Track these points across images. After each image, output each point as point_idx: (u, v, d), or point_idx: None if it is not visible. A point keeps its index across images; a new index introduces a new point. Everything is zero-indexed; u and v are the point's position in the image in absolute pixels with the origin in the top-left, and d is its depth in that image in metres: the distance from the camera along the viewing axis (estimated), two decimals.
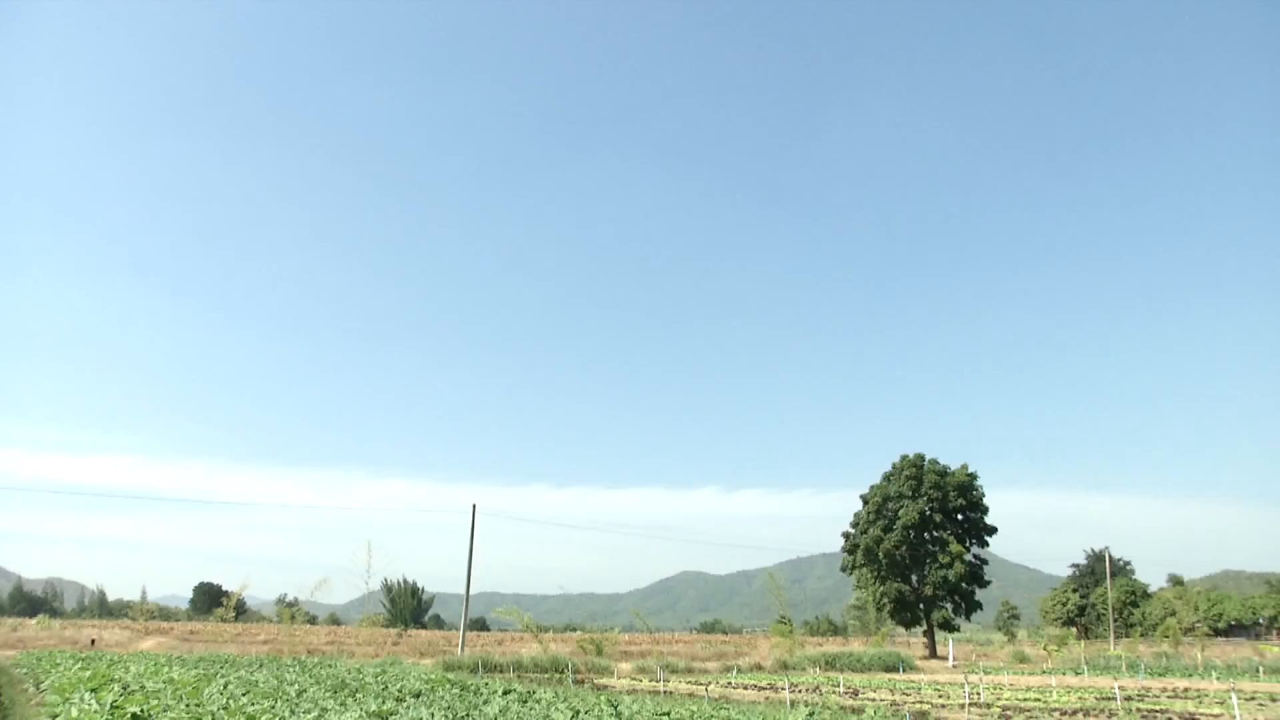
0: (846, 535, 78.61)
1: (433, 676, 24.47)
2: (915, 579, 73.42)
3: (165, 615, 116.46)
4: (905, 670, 51.09)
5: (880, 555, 72.60)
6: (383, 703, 13.81)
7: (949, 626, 72.95)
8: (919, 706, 25.00)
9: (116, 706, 10.61)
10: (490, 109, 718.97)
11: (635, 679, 41.06)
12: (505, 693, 17.23)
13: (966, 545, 72.43)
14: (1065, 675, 43.24)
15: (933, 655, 69.72)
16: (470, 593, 57.34)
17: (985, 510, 73.89)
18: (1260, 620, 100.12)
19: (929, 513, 72.32)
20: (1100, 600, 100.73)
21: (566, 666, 43.64)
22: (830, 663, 52.94)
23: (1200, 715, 22.31)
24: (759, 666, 52.87)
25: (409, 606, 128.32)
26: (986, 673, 44.54)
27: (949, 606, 72.70)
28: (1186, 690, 31.67)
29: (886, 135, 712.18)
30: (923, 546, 73.00)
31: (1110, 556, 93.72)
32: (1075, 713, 22.64)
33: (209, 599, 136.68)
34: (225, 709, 11.79)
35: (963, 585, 71.22)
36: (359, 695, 15.88)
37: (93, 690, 13.26)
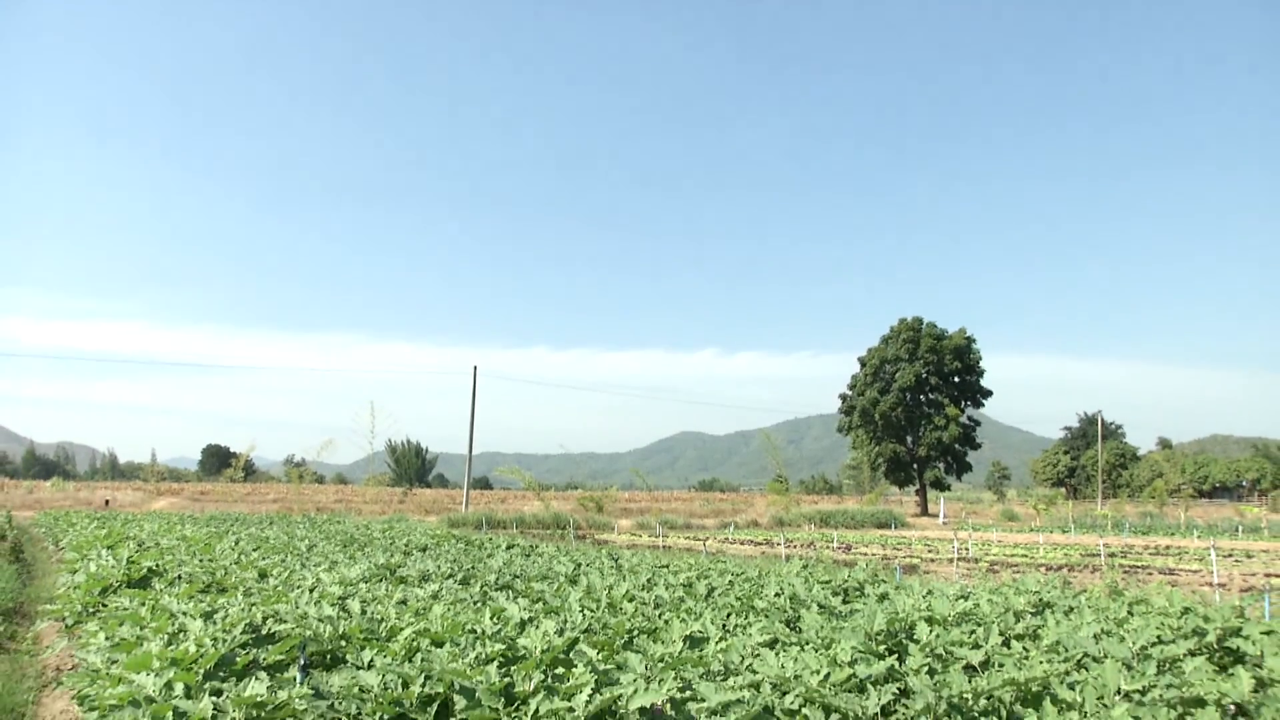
0: (843, 397, 79.63)
1: (438, 532, 25.17)
2: (910, 440, 74.78)
3: (175, 477, 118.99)
4: (897, 527, 52.59)
5: (876, 417, 73.74)
6: (390, 556, 14.22)
7: (941, 486, 74.76)
8: (909, 561, 25.82)
9: (133, 561, 10.94)
10: None
11: (635, 535, 42.28)
12: (508, 547, 17.75)
13: (961, 408, 73.50)
14: (1052, 533, 44.50)
15: (924, 513, 71.65)
16: (472, 453, 58.46)
17: (981, 374, 74.63)
18: (1244, 483, 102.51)
19: (925, 375, 73.07)
20: (1090, 462, 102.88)
21: (568, 523, 44.86)
22: (825, 520, 54.44)
23: (1180, 570, 23.07)
24: (755, 523, 54.39)
25: (413, 466, 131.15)
26: (976, 530, 45.84)
27: (941, 467, 74.36)
28: (1168, 548, 32.66)
29: None
30: (918, 408, 74.04)
31: (1102, 420, 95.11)
32: (1060, 568, 23.39)
33: (217, 461, 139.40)
34: (238, 563, 12.14)
35: (956, 446, 72.63)
36: (367, 550, 16.36)
37: (109, 547, 13.65)
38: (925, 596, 8.66)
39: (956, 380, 74.31)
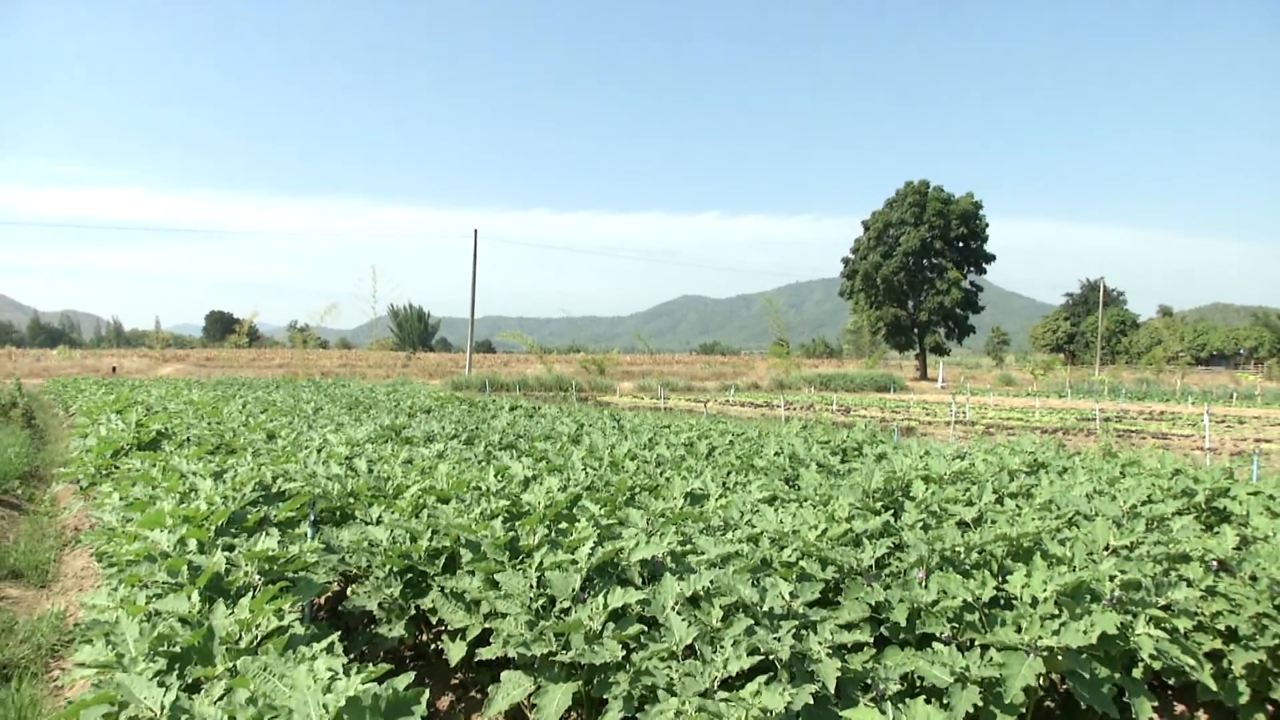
0: (846, 261, 79.25)
1: (442, 395, 25.46)
2: (911, 304, 74.78)
3: (180, 343, 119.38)
4: (896, 391, 53.20)
5: (878, 281, 73.55)
6: (395, 418, 14.42)
7: (940, 350, 75.21)
8: (907, 423, 26.22)
9: (142, 425, 11.08)
10: None
11: (636, 397, 42.82)
12: (512, 409, 17.97)
13: (964, 273, 73.20)
14: (1049, 398, 45.04)
15: (923, 377, 72.35)
16: (475, 316, 58.57)
17: (986, 239, 74.01)
18: (1241, 351, 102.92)
19: (930, 240, 72.46)
20: (1090, 329, 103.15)
21: (570, 386, 45.33)
22: (824, 383, 55.04)
23: (1172, 435, 23.45)
24: (756, 386, 54.99)
25: (416, 330, 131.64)
26: (973, 394, 46.39)
27: (942, 332, 74.62)
28: (1163, 413, 33.10)
29: None
30: (921, 273, 73.76)
31: (1105, 287, 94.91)
32: (1056, 431, 23.78)
33: (221, 327, 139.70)
34: (245, 425, 12.31)
35: (957, 311, 72.69)
36: (372, 412, 16.59)
37: (118, 412, 13.80)
38: (922, 457, 8.81)
39: (961, 245, 73.74)
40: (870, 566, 4.86)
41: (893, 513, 6.34)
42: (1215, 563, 5.42)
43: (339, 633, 3.81)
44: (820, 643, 3.89)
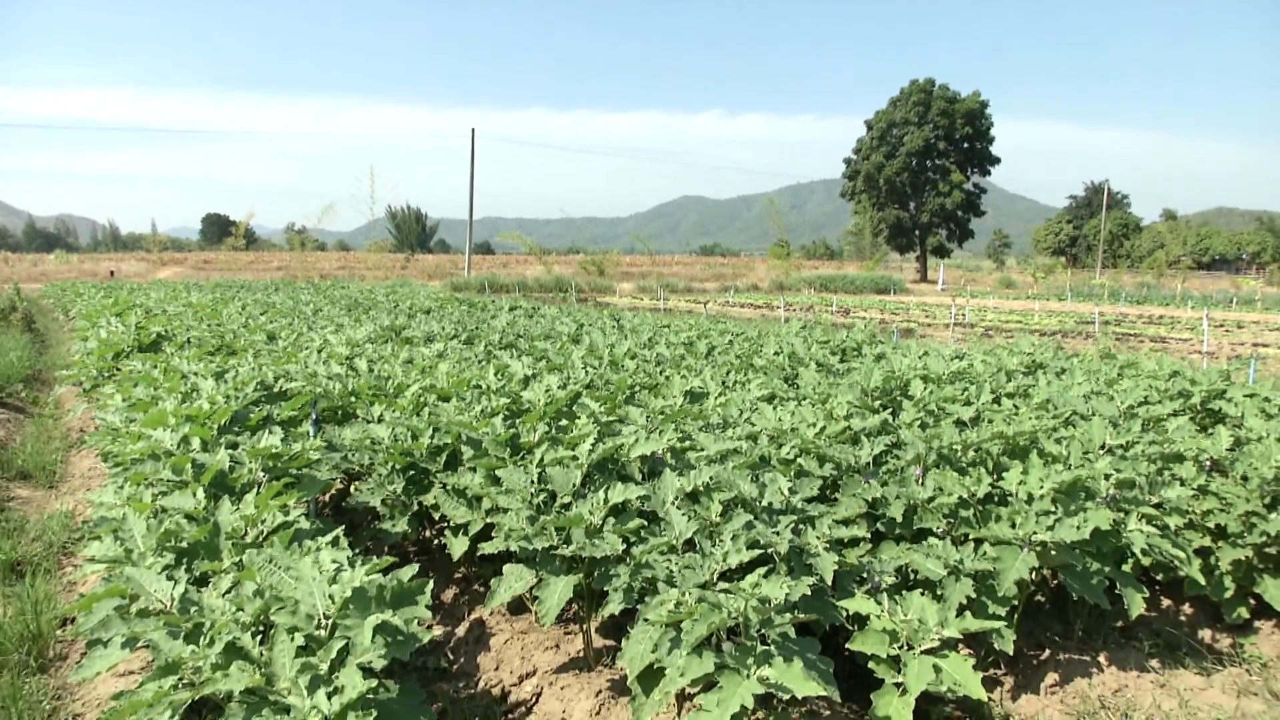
0: (848, 161, 78.17)
1: (441, 296, 25.41)
2: (913, 206, 74.06)
3: (178, 247, 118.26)
4: (896, 293, 53.12)
5: (881, 182, 72.68)
6: (395, 319, 14.41)
7: (941, 253, 74.77)
8: (906, 325, 26.26)
9: (142, 328, 11.07)
10: None
11: (636, 298, 42.76)
12: (511, 309, 17.96)
13: (968, 174, 72.28)
14: (1049, 301, 44.99)
15: (923, 280, 72.14)
16: (473, 217, 58.03)
17: (991, 140, 72.85)
18: (1244, 255, 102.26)
19: (933, 140, 71.29)
20: (1092, 232, 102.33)
21: (569, 286, 45.21)
22: (825, 285, 54.93)
23: (1171, 339, 23.49)
24: (756, 287, 54.88)
25: (414, 232, 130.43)
26: (973, 296, 46.34)
27: (943, 234, 74.03)
28: (1162, 317, 33.11)
29: None
30: (923, 174, 72.83)
31: (1109, 189, 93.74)
32: (1054, 334, 23.82)
33: (218, 229, 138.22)
34: (245, 327, 12.30)
35: (959, 213, 72.03)
36: (372, 313, 16.57)
37: (117, 315, 13.75)
38: (921, 357, 8.83)
39: (965, 146, 72.59)
40: (868, 464, 4.91)
41: (891, 412, 6.38)
42: (1209, 462, 5.48)
43: (343, 528, 3.87)
44: (818, 537, 3.95)
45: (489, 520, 4.70)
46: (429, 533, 5.86)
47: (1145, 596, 4.40)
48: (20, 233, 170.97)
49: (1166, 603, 5.20)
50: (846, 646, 3.69)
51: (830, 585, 3.82)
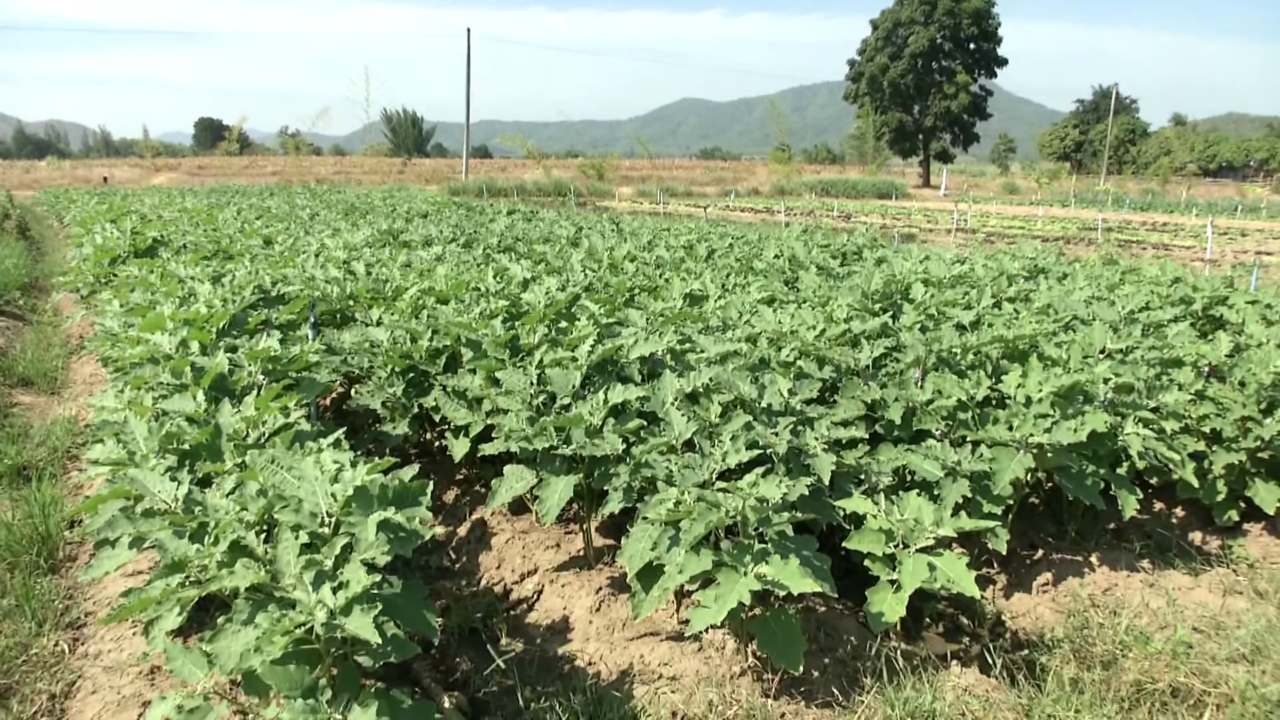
0: (852, 63, 76.51)
1: (439, 200, 25.16)
2: (917, 109, 72.79)
3: (171, 152, 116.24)
4: (898, 198, 52.59)
5: (885, 84, 71.26)
6: (393, 223, 14.29)
7: (945, 157, 73.79)
8: (907, 230, 26.07)
9: (137, 233, 10.94)
10: None
11: (635, 202, 42.35)
12: (510, 213, 17.79)
13: (974, 76, 70.84)
14: (1052, 207, 44.55)
15: (926, 185, 71.31)
16: (470, 121, 57.02)
17: (998, 41, 71.16)
18: (1252, 162, 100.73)
19: (939, 40, 69.69)
20: (1099, 137, 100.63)
21: (569, 190, 44.72)
22: (826, 189, 54.32)
23: (1174, 246, 23.34)
24: (756, 192, 54.28)
25: (410, 136, 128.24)
26: (976, 202, 45.84)
27: (947, 138, 72.97)
28: (1165, 225, 32.81)
29: None
30: (929, 76, 71.34)
31: (1117, 93, 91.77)
32: (1057, 240, 23.65)
33: (212, 134, 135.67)
34: (242, 231, 12.17)
35: (964, 117, 70.85)
36: (369, 217, 16.40)
37: (112, 221, 13.59)
38: (922, 261, 8.78)
39: (972, 47, 70.95)
40: (867, 366, 4.92)
41: (891, 315, 6.36)
42: (1208, 368, 5.49)
43: (344, 430, 3.88)
44: (817, 438, 3.98)
45: (489, 422, 4.73)
46: (430, 435, 5.90)
47: (1139, 499, 4.45)
48: (10, 139, 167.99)
49: (1159, 506, 5.27)
50: (843, 545, 3.75)
51: (828, 486, 3.86)
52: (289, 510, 2.93)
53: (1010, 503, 4.22)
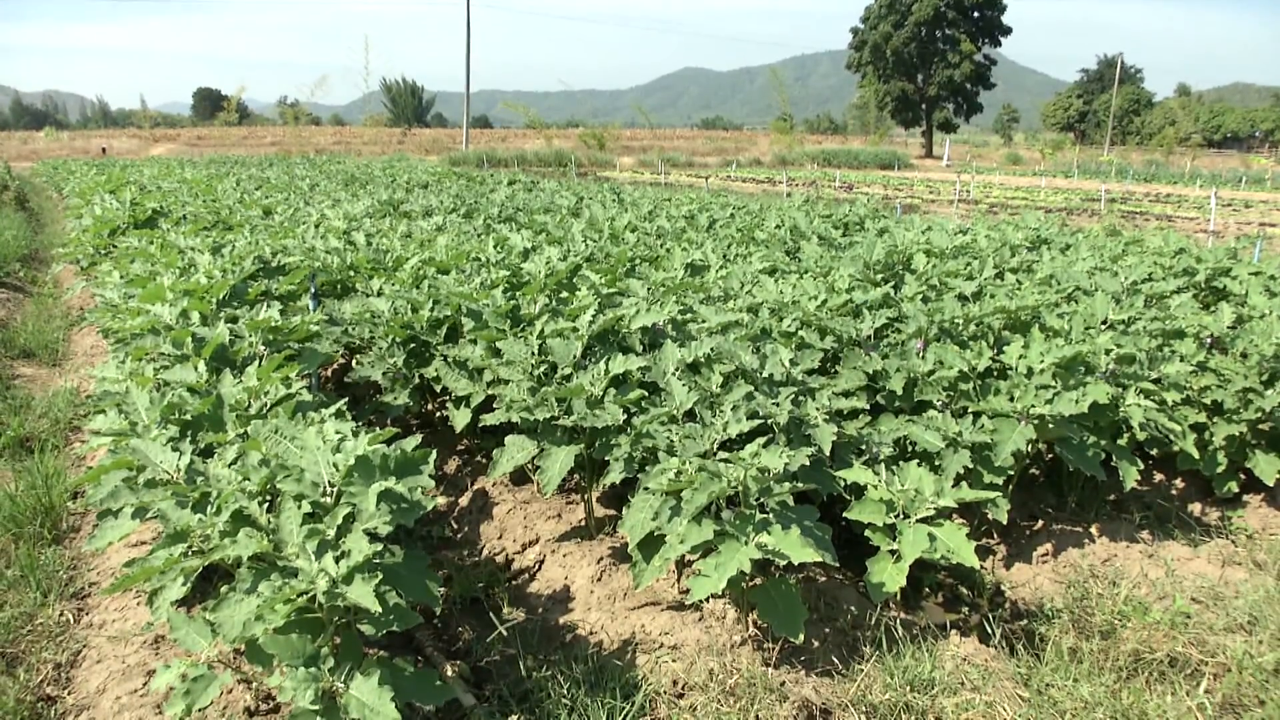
0: (855, 31, 75.85)
1: (439, 170, 25.03)
2: (920, 78, 72.24)
3: (169, 123, 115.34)
4: (900, 169, 52.33)
5: (888, 53, 70.69)
6: (393, 193, 14.23)
7: (948, 127, 73.30)
8: (910, 200, 25.95)
9: (137, 204, 10.89)
10: None
11: (636, 172, 42.15)
12: (510, 183, 17.70)
13: (978, 45, 70.24)
14: (1055, 178, 44.34)
15: (929, 155, 70.91)
16: (470, 90, 56.59)
17: (1003, 8, 70.51)
18: (1257, 133, 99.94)
19: (943, 8, 69.05)
20: (1103, 107, 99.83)
21: (569, 160, 44.49)
22: (828, 159, 54.07)
23: (1177, 217, 23.23)
24: (758, 162, 54.03)
25: (410, 106, 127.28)
26: (979, 173, 45.63)
27: (951, 108, 72.48)
28: (1169, 195, 32.66)
29: None
30: (932, 44, 70.76)
31: (1122, 63, 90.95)
32: (1059, 210, 23.55)
33: (210, 104, 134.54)
34: (241, 202, 12.12)
35: (968, 86, 70.36)
36: (369, 188, 16.33)
37: (111, 192, 13.53)
38: (924, 231, 8.74)
39: (976, 15, 70.32)
40: (869, 337, 4.91)
41: (893, 285, 6.34)
42: (1210, 339, 5.48)
43: (345, 401, 3.88)
44: (818, 408, 3.97)
45: (490, 392, 4.73)
46: (431, 406, 5.91)
47: (1139, 470, 4.46)
48: (7, 110, 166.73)
49: (1159, 477, 5.28)
50: (844, 515, 3.75)
51: (829, 456, 3.86)
52: (291, 480, 2.93)
53: (1011, 474, 4.22)
